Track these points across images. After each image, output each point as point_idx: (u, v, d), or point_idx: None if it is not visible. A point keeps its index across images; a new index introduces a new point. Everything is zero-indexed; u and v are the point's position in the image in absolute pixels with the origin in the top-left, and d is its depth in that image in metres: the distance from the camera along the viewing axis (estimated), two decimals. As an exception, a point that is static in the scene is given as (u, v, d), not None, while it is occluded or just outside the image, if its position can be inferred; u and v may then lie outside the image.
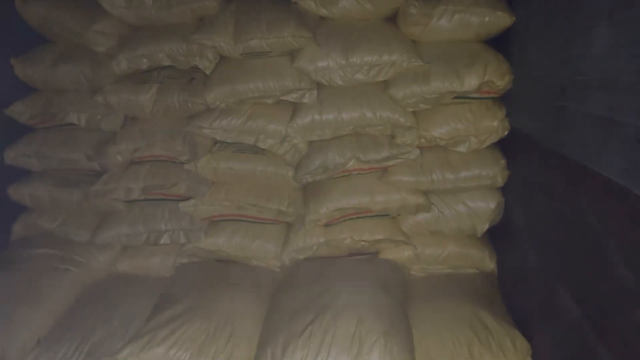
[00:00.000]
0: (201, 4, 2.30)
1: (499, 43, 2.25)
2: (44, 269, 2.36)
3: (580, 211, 1.51)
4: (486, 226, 2.37)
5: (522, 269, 2.08)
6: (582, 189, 1.51)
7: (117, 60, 2.38)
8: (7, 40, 2.63)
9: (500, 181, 2.28)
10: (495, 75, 2.11)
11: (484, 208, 2.35)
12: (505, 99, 2.27)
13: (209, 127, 2.34)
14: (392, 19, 2.30)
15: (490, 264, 2.42)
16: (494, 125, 2.22)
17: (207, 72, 2.37)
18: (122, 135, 2.49)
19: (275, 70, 2.26)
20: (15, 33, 2.62)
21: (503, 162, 2.27)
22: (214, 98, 2.29)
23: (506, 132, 2.23)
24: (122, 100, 2.41)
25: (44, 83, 2.57)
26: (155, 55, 2.36)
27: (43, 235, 2.62)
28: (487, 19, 2.10)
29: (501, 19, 2.10)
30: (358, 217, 2.40)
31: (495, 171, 2.26)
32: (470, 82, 2.11)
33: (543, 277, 1.83)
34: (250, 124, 2.32)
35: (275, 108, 2.35)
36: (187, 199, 2.49)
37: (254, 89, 2.26)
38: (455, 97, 2.19)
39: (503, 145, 2.33)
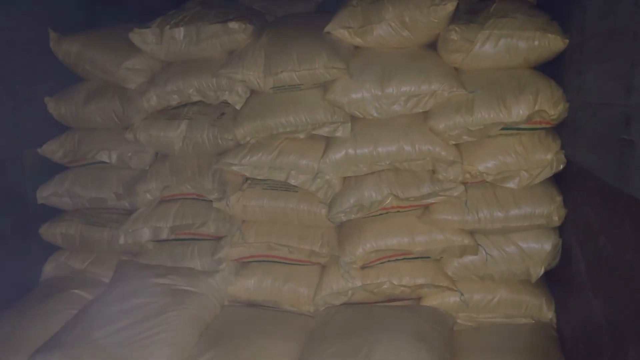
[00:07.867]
0: (231, 37, 2.27)
1: (552, 69, 2.07)
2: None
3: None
4: (541, 270, 2.13)
5: (586, 323, 1.82)
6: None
7: (147, 97, 2.40)
8: (42, 80, 2.66)
9: (556, 220, 2.06)
10: (547, 103, 1.96)
11: (538, 250, 2.12)
12: (560, 130, 2.08)
13: (238, 163, 2.26)
14: (432, 45, 2.19)
15: (547, 313, 2.16)
16: (548, 158, 2.03)
17: (237, 106, 2.34)
18: (151, 173, 2.45)
19: (307, 103, 2.19)
20: (49, 72, 2.66)
21: (559, 199, 2.05)
22: (243, 133, 2.24)
23: (562, 166, 2.03)
24: (151, 137, 2.40)
25: (76, 121, 2.59)
26: (185, 90, 2.35)
27: (72, 276, 2.56)
28: (536, 43, 1.95)
29: (553, 43, 1.94)
30: (397, 260, 2.22)
31: (550, 209, 2.05)
32: (519, 111, 1.97)
33: (611, 337, 1.58)
34: (281, 160, 2.23)
35: (307, 143, 2.26)
36: (217, 238, 2.39)
37: (285, 123, 2.18)
38: (504, 129, 2.03)
39: (559, 181, 2.11)
